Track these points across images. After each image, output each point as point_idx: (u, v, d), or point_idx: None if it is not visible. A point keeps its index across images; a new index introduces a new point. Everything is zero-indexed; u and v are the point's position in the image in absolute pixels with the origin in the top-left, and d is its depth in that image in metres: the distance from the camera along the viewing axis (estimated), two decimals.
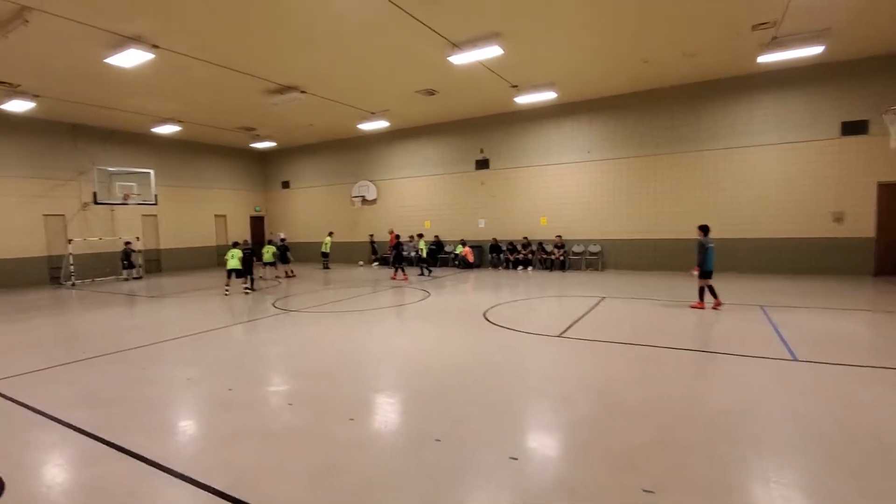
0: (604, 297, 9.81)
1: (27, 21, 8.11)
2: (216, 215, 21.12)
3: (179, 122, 16.16)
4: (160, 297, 11.96)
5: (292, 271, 16.02)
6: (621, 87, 13.78)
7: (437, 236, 18.00)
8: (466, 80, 12.48)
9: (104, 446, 3.67)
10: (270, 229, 23.19)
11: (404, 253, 14.82)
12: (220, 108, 14.75)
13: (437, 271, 16.11)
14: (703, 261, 8.29)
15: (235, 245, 12.14)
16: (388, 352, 6.34)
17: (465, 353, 6.11)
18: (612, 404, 4.20)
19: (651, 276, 13.05)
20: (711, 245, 8.36)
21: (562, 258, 15.19)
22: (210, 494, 2.93)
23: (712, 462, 3.16)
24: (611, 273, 14.24)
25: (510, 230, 16.60)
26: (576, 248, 15.37)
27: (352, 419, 4.04)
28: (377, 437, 3.77)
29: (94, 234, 16.40)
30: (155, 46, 9.55)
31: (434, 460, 3.29)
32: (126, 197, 16.23)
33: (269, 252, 14.70)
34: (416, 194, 18.75)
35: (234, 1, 7.94)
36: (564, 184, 15.51)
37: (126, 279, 16.03)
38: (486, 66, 11.33)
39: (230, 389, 4.93)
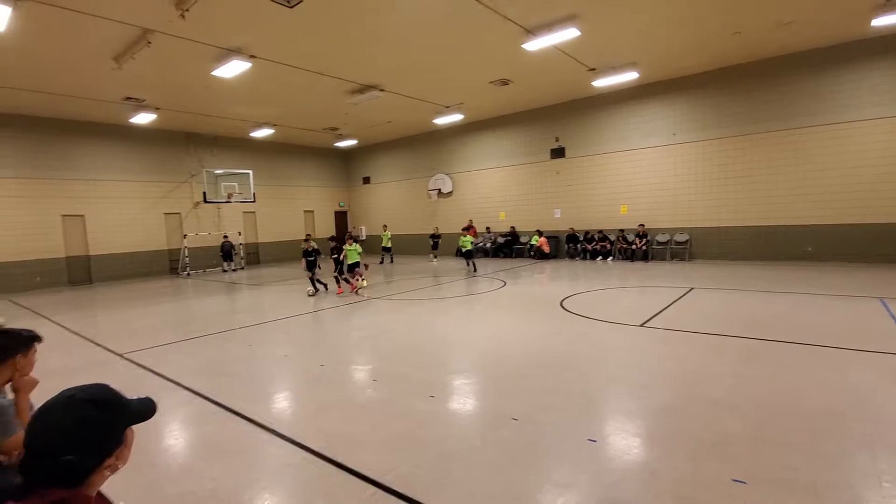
0: (692, 288, 9.22)
1: (150, 43, 9.30)
2: (305, 211, 22.72)
3: (273, 125, 17.58)
4: (259, 286, 13.20)
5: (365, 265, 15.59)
6: (709, 63, 12.72)
7: (512, 227, 17.91)
8: (540, 67, 12.25)
9: (219, 408, 4.22)
10: (353, 223, 24.48)
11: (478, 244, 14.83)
12: (307, 110, 15.82)
13: (511, 262, 16.06)
14: None
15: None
16: (465, 338, 6.51)
17: (541, 340, 6.11)
18: (698, 395, 4.01)
19: (746, 266, 11.99)
20: None
21: (644, 248, 14.44)
22: (306, 453, 3.28)
23: (813, 458, 2.93)
24: (699, 263, 13.29)
25: (588, 219, 16.07)
26: (660, 238, 14.52)
27: (432, 396, 4.25)
28: (456, 414, 3.94)
29: (203, 230, 18.42)
30: (252, 57, 10.49)
31: (511, 437, 3.39)
32: (229, 196, 18.06)
33: (354, 252, 11.21)
34: (491, 186, 18.78)
35: (318, 11, 8.49)
36: (646, 169, 14.68)
37: (224, 270, 17.79)
38: (562, 51, 11.04)
39: (322, 366, 5.39)
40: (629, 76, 12.89)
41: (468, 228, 17.20)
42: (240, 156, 19.64)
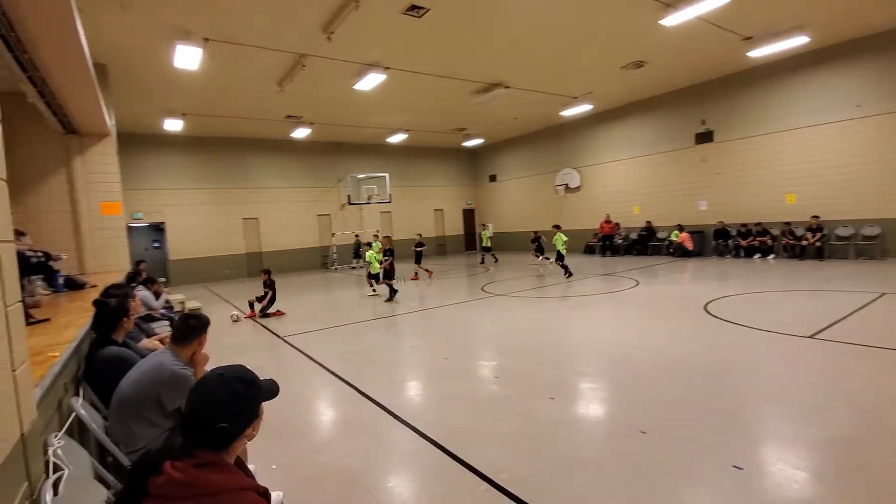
0: (883, 293, 7.47)
1: (304, 66, 10.62)
2: (435, 210, 23.84)
3: (406, 130, 18.78)
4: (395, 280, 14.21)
5: (428, 270, 14.93)
6: None
7: (648, 222, 16.47)
8: (681, 43, 11.01)
9: (354, 391, 4.66)
10: (480, 220, 24.96)
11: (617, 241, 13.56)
12: (436, 113, 16.55)
13: (647, 260, 14.79)
14: None
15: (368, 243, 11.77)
16: (592, 339, 6.20)
17: (679, 346, 5.52)
18: (888, 427, 3.24)
19: None
20: None
21: (818, 244, 12.10)
22: (426, 442, 3.45)
23: None
24: (894, 262, 10.71)
25: (742, 212, 14.00)
26: (841, 232, 12.02)
27: (552, 398, 4.14)
28: (578, 419, 3.78)
29: (348, 229, 20.50)
30: (386, 68, 11.32)
31: (637, 450, 3.14)
32: (369, 197, 19.81)
33: (374, 258, 12.23)
34: (623, 178, 17.49)
35: (443, 17, 8.79)
36: (821, 151, 12.24)
37: (353, 267, 19.37)
38: (708, 21, 9.78)
39: (446, 359, 5.61)
40: (797, 41, 10.89)
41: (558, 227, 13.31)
42: (378, 160, 21.37)
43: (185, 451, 1.23)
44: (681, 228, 15.04)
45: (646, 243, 16.29)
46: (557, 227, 12.54)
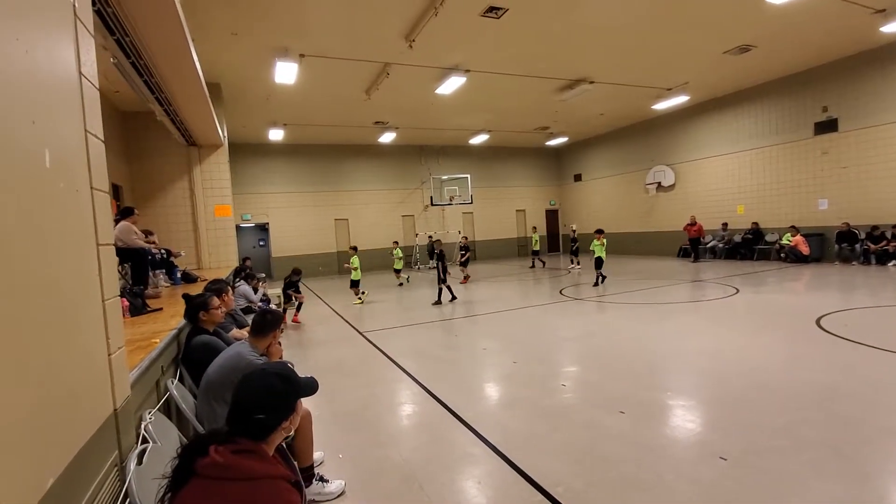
0: None
1: (388, 74, 11.11)
2: (517, 210, 23.57)
3: (488, 131, 18.81)
4: (474, 281, 14.32)
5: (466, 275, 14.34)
6: None
7: (755, 223, 14.82)
8: (796, 21, 9.75)
9: (420, 388, 4.79)
10: (563, 221, 24.21)
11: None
12: (518, 112, 16.36)
13: (752, 266, 13.32)
14: None
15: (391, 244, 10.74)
16: (675, 350, 5.74)
17: (779, 365, 4.92)
18: None
19: None
20: None
21: None
22: (485, 446, 3.45)
23: None
24: None
25: (873, 212, 12.03)
26: None
27: (622, 412, 3.92)
28: (646, 437, 3.53)
29: (430, 229, 21.02)
30: (467, 71, 11.44)
31: (713, 479, 2.86)
32: (451, 198, 20.15)
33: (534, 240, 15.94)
34: (724, 175, 15.89)
35: (522, 15, 8.66)
36: None
37: (430, 268, 19.65)
38: None
39: (514, 363, 5.55)
40: None
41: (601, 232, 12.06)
42: (461, 162, 21.64)
43: (229, 437, 1.37)
44: (795, 230, 13.34)
45: (752, 247, 14.68)
46: (600, 231, 11.52)
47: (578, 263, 15.31)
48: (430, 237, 20.25)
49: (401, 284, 14.37)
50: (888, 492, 2.68)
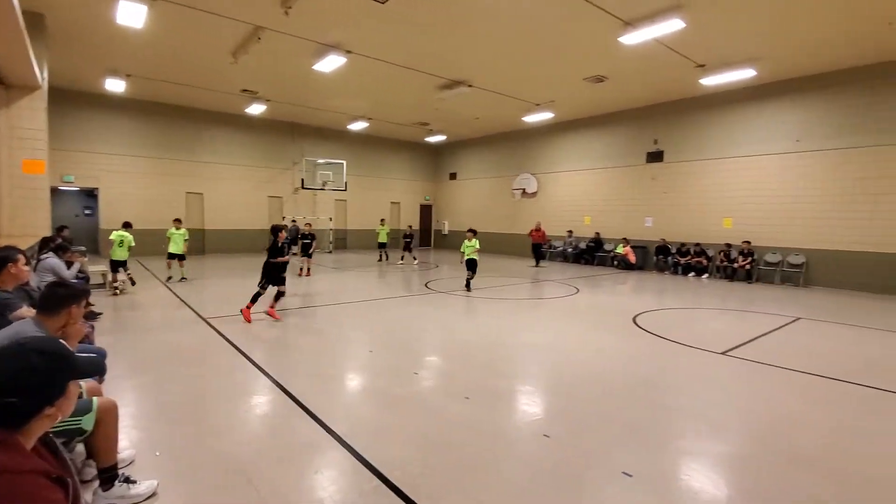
0: (798, 318, 7.99)
1: (259, 38, 10.16)
2: (391, 202, 23.56)
3: (368, 118, 18.43)
4: (341, 270, 13.92)
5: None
6: (850, 59, 10.85)
7: (597, 233, 16.97)
8: (640, 63, 11.37)
9: (266, 378, 4.45)
10: (437, 217, 24.90)
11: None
12: (399, 104, 16.33)
13: (592, 270, 15.22)
14: None
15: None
16: (520, 343, 6.23)
17: (603, 356, 5.66)
18: (782, 448, 3.37)
19: (875, 300, 10.14)
20: None
21: (748, 267, 12.85)
22: (329, 437, 3.32)
23: None
24: (816, 290, 11.51)
25: (683, 231, 14.68)
26: (769, 258, 12.82)
27: (467, 398, 4.11)
28: (486, 421, 3.75)
29: (300, 214, 19.87)
30: (348, 52, 11.02)
31: (538, 456, 3.14)
32: (324, 184, 19.29)
33: (382, 233, 16.24)
34: (578, 188, 17.93)
35: (408, 5, 8.63)
36: (759, 180, 13.00)
37: (294, 254, 18.61)
38: (664, 44, 10.12)
39: (370, 352, 5.49)
40: (745, 73, 11.50)
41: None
42: (336, 147, 20.86)
43: None
44: (626, 242, 15.56)
45: (594, 253, 16.76)
46: (473, 231, 10.62)
47: (415, 259, 16.76)
48: (294, 221, 18.93)
49: (380, 260, 15.94)
50: (672, 461, 3.22)
